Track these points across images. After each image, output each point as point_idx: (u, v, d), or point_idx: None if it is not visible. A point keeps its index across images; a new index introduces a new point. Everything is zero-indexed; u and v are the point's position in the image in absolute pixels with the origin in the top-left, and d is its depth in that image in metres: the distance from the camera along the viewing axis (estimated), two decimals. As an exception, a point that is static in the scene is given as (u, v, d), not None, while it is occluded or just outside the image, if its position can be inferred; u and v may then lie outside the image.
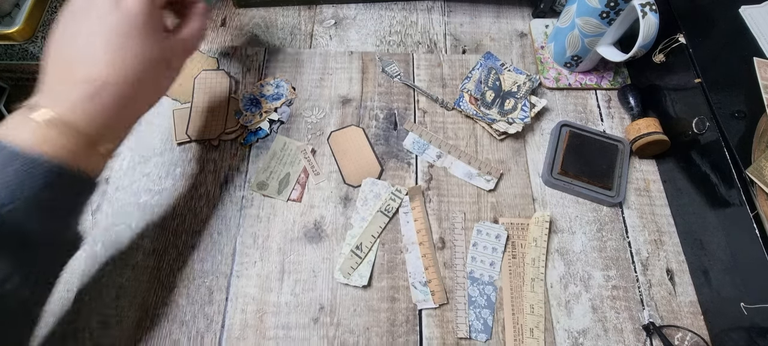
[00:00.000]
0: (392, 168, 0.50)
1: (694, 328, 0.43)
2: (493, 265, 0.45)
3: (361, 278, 0.44)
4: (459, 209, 0.48)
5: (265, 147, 0.51)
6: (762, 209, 0.38)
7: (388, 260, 0.45)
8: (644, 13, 0.45)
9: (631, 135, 0.50)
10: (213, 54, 0.56)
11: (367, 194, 0.48)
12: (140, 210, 0.46)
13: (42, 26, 0.45)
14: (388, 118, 0.53)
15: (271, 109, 0.52)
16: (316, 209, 0.47)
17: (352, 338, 0.42)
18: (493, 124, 0.51)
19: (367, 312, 0.43)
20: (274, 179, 0.48)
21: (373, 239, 0.45)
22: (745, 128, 0.41)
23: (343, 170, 0.49)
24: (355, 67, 0.56)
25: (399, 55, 0.58)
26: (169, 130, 0.51)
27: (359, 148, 0.51)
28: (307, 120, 0.53)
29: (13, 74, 0.50)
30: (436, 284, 0.44)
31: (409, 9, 0.62)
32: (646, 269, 0.46)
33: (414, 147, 0.51)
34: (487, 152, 0.51)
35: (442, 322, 0.43)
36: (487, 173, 0.50)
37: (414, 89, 0.55)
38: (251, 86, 0.54)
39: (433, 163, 0.50)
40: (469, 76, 0.55)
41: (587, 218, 0.48)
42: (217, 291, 0.43)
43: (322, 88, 0.55)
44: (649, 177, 0.51)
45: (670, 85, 0.50)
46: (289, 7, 0.61)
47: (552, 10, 0.61)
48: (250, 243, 0.45)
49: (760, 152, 0.40)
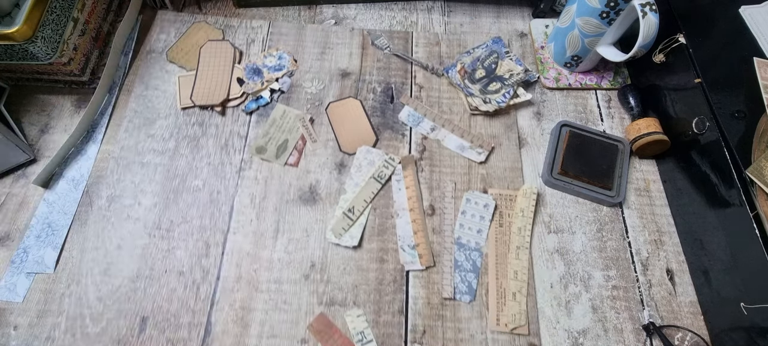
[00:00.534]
0: (387, 138, 0.52)
1: (694, 328, 0.43)
2: (480, 232, 0.47)
3: (351, 239, 0.45)
4: (450, 179, 0.50)
5: (266, 114, 0.52)
6: (762, 209, 0.38)
7: (379, 224, 0.47)
8: (644, 13, 0.45)
9: (631, 135, 0.50)
10: (219, 26, 0.58)
11: (362, 161, 0.50)
12: (144, 168, 0.49)
13: (42, 26, 0.45)
14: (386, 91, 0.55)
15: (272, 79, 0.54)
16: (312, 174, 0.49)
17: (340, 295, 0.43)
18: (469, 98, 0.53)
19: (356, 271, 0.44)
20: (272, 145, 0.50)
21: (365, 204, 0.47)
22: (745, 128, 0.41)
23: (339, 139, 0.51)
24: (355, 43, 0.58)
25: (399, 33, 0.59)
26: (173, 95, 0.53)
27: (356, 118, 0.52)
28: (307, 91, 0.54)
29: (13, 74, 0.51)
30: (423, 248, 0.45)
31: (409, 9, 0.63)
32: (646, 269, 0.46)
33: (409, 120, 0.53)
34: (480, 127, 0.53)
35: (428, 283, 0.44)
36: (479, 146, 0.51)
37: (406, 60, 0.56)
38: (255, 57, 0.56)
39: (426, 136, 0.52)
40: (470, 52, 0.57)
41: (587, 218, 0.49)
42: (214, 246, 0.45)
43: (323, 62, 0.57)
44: (649, 177, 0.51)
45: (670, 85, 0.50)
46: (289, 7, 0.61)
47: (552, 10, 0.61)
48: (247, 203, 0.47)
49: (760, 152, 0.39)
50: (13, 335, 0.40)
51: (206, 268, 0.44)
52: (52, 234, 0.45)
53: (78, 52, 0.50)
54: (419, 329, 0.42)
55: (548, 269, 0.46)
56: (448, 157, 0.51)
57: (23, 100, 0.52)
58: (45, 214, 0.46)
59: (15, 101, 0.51)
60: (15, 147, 0.46)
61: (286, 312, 0.42)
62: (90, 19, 0.51)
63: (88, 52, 0.52)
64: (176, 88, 0.53)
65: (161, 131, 0.51)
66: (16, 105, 0.51)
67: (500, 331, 0.42)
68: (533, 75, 0.56)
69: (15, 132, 0.48)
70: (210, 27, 0.58)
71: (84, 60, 0.51)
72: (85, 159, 0.49)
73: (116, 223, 0.46)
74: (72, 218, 0.46)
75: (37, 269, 0.43)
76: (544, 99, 0.56)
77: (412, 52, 0.58)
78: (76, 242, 0.45)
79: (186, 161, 0.49)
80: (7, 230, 0.45)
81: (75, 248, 0.44)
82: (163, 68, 0.55)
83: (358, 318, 0.42)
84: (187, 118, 0.52)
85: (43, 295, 0.42)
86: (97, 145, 0.50)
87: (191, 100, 0.52)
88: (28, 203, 0.46)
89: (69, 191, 0.47)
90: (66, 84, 0.52)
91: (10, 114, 0.49)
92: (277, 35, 0.58)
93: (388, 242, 0.46)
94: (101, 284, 0.43)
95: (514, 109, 0.54)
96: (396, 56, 0.57)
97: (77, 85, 0.52)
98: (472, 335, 0.42)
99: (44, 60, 0.46)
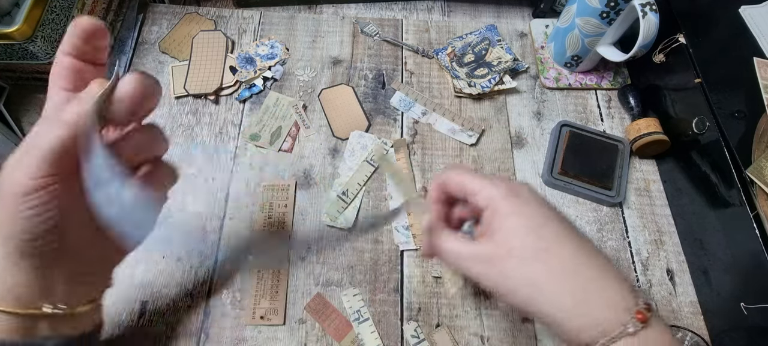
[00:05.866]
0: (379, 123, 0.52)
1: (694, 328, 0.43)
2: (473, 214, 0.48)
3: (346, 221, 0.46)
4: (442, 162, 0.50)
5: (259, 102, 0.53)
6: (762, 209, 0.38)
7: (373, 206, 0.48)
8: (644, 13, 0.45)
9: (631, 135, 0.50)
10: (211, 16, 0.59)
11: (355, 145, 0.50)
12: (139, 157, 0.49)
13: (42, 26, 0.45)
14: (377, 78, 0.56)
15: (265, 67, 0.55)
16: (306, 159, 0.50)
17: (336, 275, 0.44)
18: (455, 80, 0.54)
19: (351, 252, 0.45)
20: (266, 131, 0.51)
21: (359, 187, 0.48)
22: (745, 128, 0.41)
23: (332, 124, 0.52)
24: (346, 31, 0.59)
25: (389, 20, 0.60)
26: (167, 85, 0.53)
27: (348, 104, 0.53)
28: (300, 78, 0.55)
29: (13, 74, 0.50)
30: (417, 229, 0.46)
31: (409, 8, 0.63)
32: (647, 269, 0.46)
33: (400, 105, 0.54)
34: (470, 110, 0.54)
35: (422, 262, 0.45)
36: (469, 129, 0.52)
37: (396, 45, 0.57)
38: (247, 46, 0.57)
39: (418, 120, 0.53)
40: (463, 37, 0.58)
41: (587, 218, 0.49)
42: (211, 232, 0.46)
43: (315, 50, 0.57)
44: (649, 177, 0.51)
45: (670, 85, 0.50)
46: (289, 8, 0.61)
47: (552, 10, 0.61)
48: (242, 188, 0.48)
49: (760, 152, 0.39)
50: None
51: (203, 253, 0.45)
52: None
53: (77, 51, 0.50)
54: (414, 307, 0.43)
55: None
56: (440, 140, 0.52)
57: (23, 99, 0.52)
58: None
59: (15, 101, 0.51)
60: (15, 147, 0.46)
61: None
62: (88, 17, 0.52)
63: (86, 50, 0.52)
64: (170, 78, 0.54)
65: (155, 120, 0.51)
66: (15, 105, 0.51)
67: (493, 307, 0.43)
68: (522, 64, 0.57)
69: (15, 132, 0.48)
70: (202, 18, 0.58)
71: (81, 57, 0.51)
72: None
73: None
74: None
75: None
76: (544, 99, 0.56)
77: (403, 39, 0.59)
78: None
79: (181, 149, 0.50)
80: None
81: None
82: (156, 59, 0.55)
83: (354, 297, 0.43)
84: (181, 108, 0.52)
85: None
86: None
87: (185, 89, 0.52)
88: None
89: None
90: (64, 81, 0.52)
91: (9, 114, 0.49)
92: (268, 25, 0.59)
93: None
94: (100, 270, 0.43)
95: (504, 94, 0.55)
96: (386, 42, 0.58)
97: (74, 81, 0.52)
98: (467, 311, 0.43)
99: (44, 59, 0.46)
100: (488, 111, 0.54)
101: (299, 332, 0.42)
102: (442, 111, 0.53)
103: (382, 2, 0.63)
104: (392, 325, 0.42)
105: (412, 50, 0.57)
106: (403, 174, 0.43)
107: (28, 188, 0.24)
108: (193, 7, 0.59)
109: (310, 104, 0.53)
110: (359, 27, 0.59)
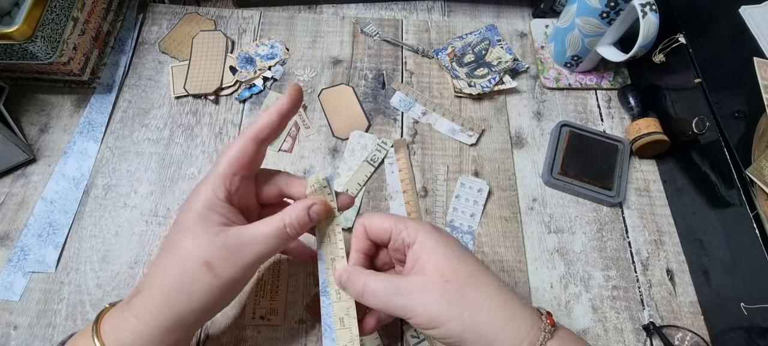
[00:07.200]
0: (379, 123, 0.52)
1: (694, 328, 0.43)
2: (473, 216, 0.48)
3: (346, 220, 0.46)
4: (442, 162, 0.50)
5: (259, 102, 0.53)
6: (762, 209, 0.38)
7: (373, 206, 0.48)
8: (644, 13, 0.45)
9: (631, 135, 0.50)
10: (210, 16, 0.59)
11: (355, 145, 0.50)
12: (139, 157, 0.49)
13: (41, 26, 0.44)
14: (377, 78, 0.56)
15: (265, 67, 0.55)
16: (306, 159, 0.50)
17: (336, 275, 0.44)
18: (455, 80, 0.54)
19: (351, 252, 0.45)
20: (266, 131, 0.51)
21: (359, 187, 0.48)
22: (745, 128, 0.41)
23: (332, 124, 0.52)
24: (346, 31, 0.59)
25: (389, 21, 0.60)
26: (167, 85, 0.53)
27: (348, 104, 0.53)
28: (300, 78, 0.55)
29: (13, 74, 0.51)
30: (417, 228, 0.46)
31: (409, 8, 0.63)
32: (646, 269, 0.46)
33: (400, 105, 0.54)
34: (470, 110, 0.54)
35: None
36: (469, 129, 0.52)
37: (396, 45, 0.57)
38: (247, 46, 0.57)
39: (418, 120, 0.53)
40: (463, 37, 0.58)
41: (587, 218, 0.49)
42: (211, 232, 0.46)
43: (315, 50, 0.57)
44: (649, 177, 0.51)
45: (670, 85, 0.50)
46: (288, 8, 0.61)
47: (552, 10, 0.61)
48: (242, 189, 0.48)
49: (760, 152, 0.39)
50: (14, 334, 0.41)
51: (203, 253, 0.45)
52: (53, 233, 0.45)
53: (78, 52, 0.50)
54: (414, 307, 0.43)
55: (548, 269, 0.46)
56: (440, 140, 0.52)
57: (23, 99, 0.52)
58: (46, 213, 0.46)
59: (14, 101, 0.51)
60: (14, 147, 0.46)
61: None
62: (90, 19, 0.51)
63: (88, 52, 0.52)
64: (170, 78, 0.54)
65: (155, 121, 0.51)
66: (15, 105, 0.51)
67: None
68: (522, 65, 0.57)
69: (14, 132, 0.48)
70: (201, 18, 0.58)
71: (84, 60, 0.51)
72: (86, 158, 0.49)
73: (113, 211, 0.46)
74: (73, 217, 0.46)
75: (39, 268, 0.43)
76: (544, 99, 0.56)
77: (403, 39, 0.59)
78: (75, 231, 0.45)
79: (181, 149, 0.50)
80: (6, 230, 0.45)
81: (74, 238, 0.45)
82: (155, 59, 0.55)
83: (354, 297, 0.43)
84: (180, 108, 0.52)
85: (43, 294, 0.42)
86: (97, 143, 0.50)
87: (185, 89, 0.52)
88: (28, 202, 0.46)
89: (70, 190, 0.47)
90: (66, 84, 0.52)
91: (9, 114, 0.49)
92: (268, 25, 0.59)
93: (382, 223, 0.47)
94: (100, 271, 0.43)
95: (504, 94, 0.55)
96: (386, 42, 0.58)
97: (77, 84, 0.52)
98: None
99: (44, 59, 0.46)
100: (488, 111, 0.54)
101: (299, 332, 0.42)
102: (442, 111, 0.53)
103: (382, 2, 0.63)
104: (392, 325, 0.42)
105: (412, 50, 0.57)
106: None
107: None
108: (193, 7, 0.59)
109: (310, 104, 0.53)
110: (359, 27, 0.59)
